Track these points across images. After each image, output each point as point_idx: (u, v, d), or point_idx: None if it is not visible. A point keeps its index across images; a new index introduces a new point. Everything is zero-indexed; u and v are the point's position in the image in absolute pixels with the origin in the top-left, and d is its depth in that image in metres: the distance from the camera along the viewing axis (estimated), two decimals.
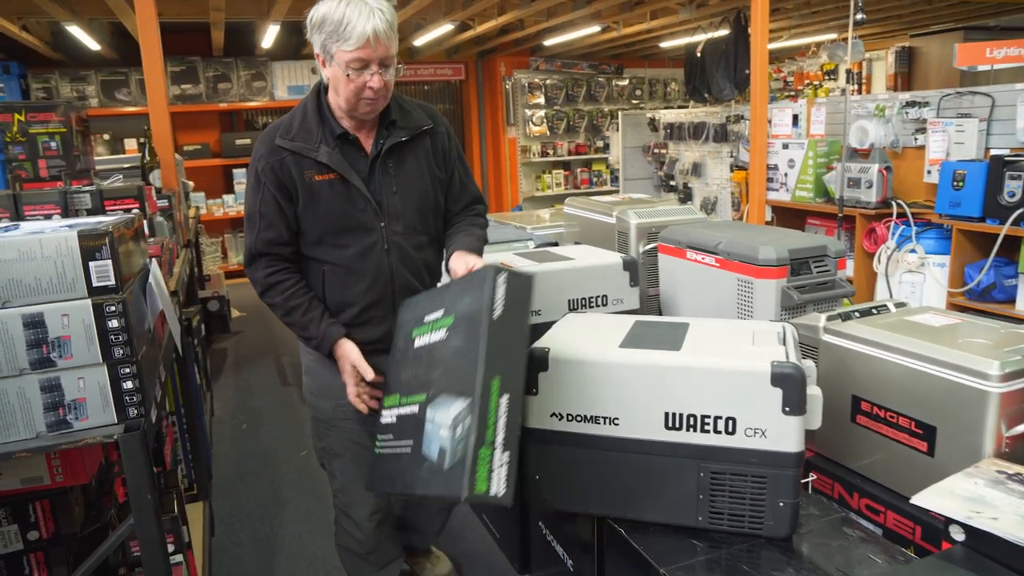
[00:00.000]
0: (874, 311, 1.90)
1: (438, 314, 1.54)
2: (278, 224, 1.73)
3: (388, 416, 1.59)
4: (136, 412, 1.30)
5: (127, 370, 1.30)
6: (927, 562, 1.24)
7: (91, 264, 1.27)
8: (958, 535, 1.28)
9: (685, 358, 1.47)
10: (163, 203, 3.20)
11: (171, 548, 1.69)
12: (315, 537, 2.70)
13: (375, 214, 1.77)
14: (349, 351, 1.75)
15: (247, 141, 7.49)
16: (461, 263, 1.76)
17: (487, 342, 1.35)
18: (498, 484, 1.28)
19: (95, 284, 1.27)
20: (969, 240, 3.47)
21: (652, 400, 1.47)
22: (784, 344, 1.54)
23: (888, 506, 1.65)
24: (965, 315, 1.81)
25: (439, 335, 1.50)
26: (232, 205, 7.58)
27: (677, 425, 1.47)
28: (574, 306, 2.22)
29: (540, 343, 1.60)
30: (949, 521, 1.29)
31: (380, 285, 1.81)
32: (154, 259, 1.68)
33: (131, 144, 6.76)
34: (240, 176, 7.56)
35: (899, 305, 1.94)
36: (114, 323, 1.29)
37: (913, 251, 3.71)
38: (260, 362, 4.94)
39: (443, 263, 1.93)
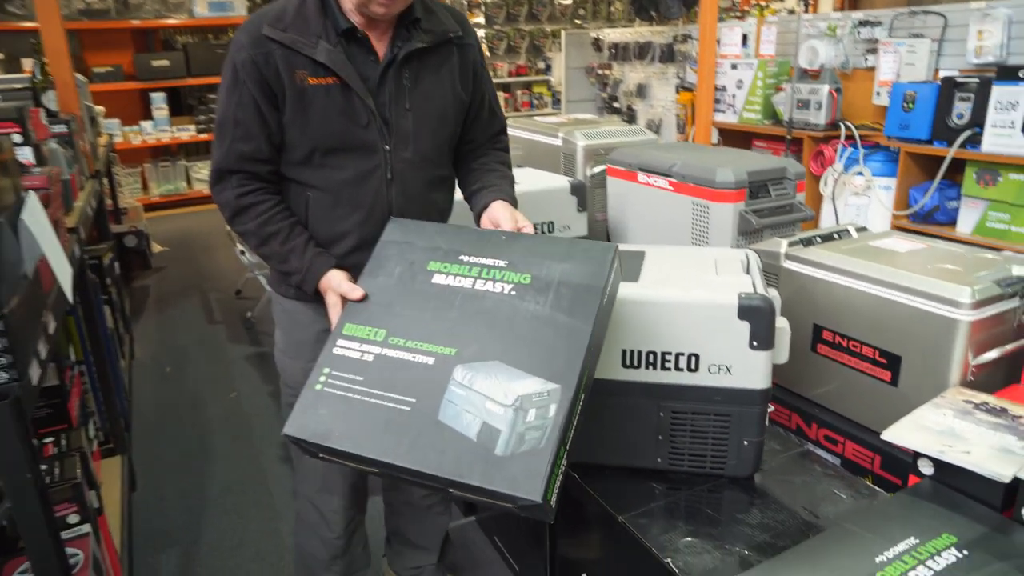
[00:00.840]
0: (835, 236, 1.81)
1: (494, 262, 1.22)
2: (257, 135, 1.38)
3: (354, 349, 1.17)
4: (7, 376, 1.09)
5: None
6: (897, 499, 1.17)
7: None
8: (927, 469, 1.21)
9: (644, 291, 1.34)
10: (60, 129, 2.87)
11: (74, 519, 1.51)
12: (247, 488, 2.55)
13: (380, 133, 1.43)
14: (335, 279, 1.37)
15: (165, 63, 6.92)
16: (507, 218, 1.46)
17: (594, 327, 1.12)
18: (556, 496, 1.03)
19: None
20: (915, 163, 3.44)
21: (609, 337, 1.34)
22: (749, 273, 1.42)
23: (847, 436, 1.59)
24: (930, 240, 1.73)
25: (496, 287, 1.19)
26: (151, 132, 7.04)
27: (635, 363, 1.35)
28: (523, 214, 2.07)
29: None
30: (918, 455, 1.23)
31: (375, 220, 1.45)
32: (31, 192, 1.43)
33: (29, 64, 6.14)
34: (159, 101, 7.01)
35: (860, 229, 1.85)
36: None
37: (860, 174, 3.67)
38: (185, 299, 4.65)
39: (474, 209, 1.59)
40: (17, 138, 1.95)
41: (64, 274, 1.45)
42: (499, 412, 1.06)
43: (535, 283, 1.18)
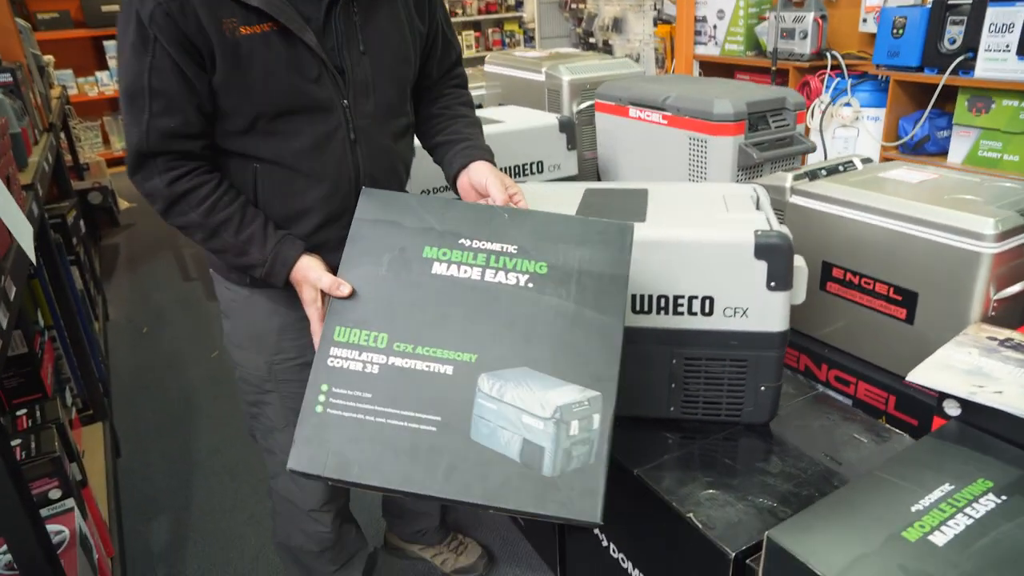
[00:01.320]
0: (841, 168, 1.73)
1: (502, 247, 1.07)
2: (182, 106, 1.10)
3: (353, 359, 1.00)
4: None
5: None
6: (924, 443, 1.12)
7: None
8: (953, 410, 1.17)
9: (653, 231, 1.26)
10: (4, 77, 2.68)
11: (56, 494, 1.42)
12: (234, 447, 2.47)
13: (335, 86, 1.18)
14: (312, 271, 1.13)
15: (116, 7, 6.53)
16: (496, 185, 1.26)
17: (623, 321, 1.02)
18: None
19: None
20: (905, 92, 3.36)
21: None
22: (761, 209, 1.35)
23: (860, 377, 1.55)
24: (940, 170, 1.66)
25: (510, 278, 1.04)
26: (107, 83, 6.70)
27: (646, 308, 1.27)
28: (507, 174, 1.96)
29: None
30: (943, 396, 1.18)
31: (342, 194, 1.24)
32: None
33: None
34: (113, 49, 6.64)
35: (865, 161, 1.78)
36: None
37: (848, 104, 3.58)
38: (157, 256, 4.49)
39: (447, 168, 1.38)
40: None
41: (23, 233, 1.33)
42: (539, 427, 0.95)
43: (553, 273, 1.05)
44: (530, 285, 1.04)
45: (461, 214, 1.11)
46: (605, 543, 1.40)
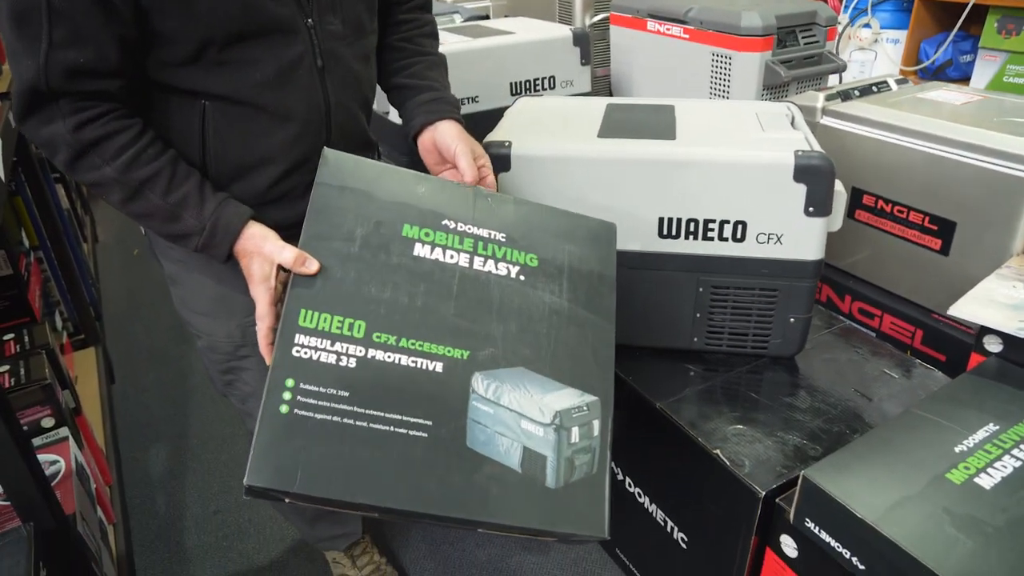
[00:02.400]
0: (875, 88, 1.62)
1: (490, 234, 0.96)
2: (94, 33, 0.84)
3: (324, 350, 0.83)
4: None
5: None
6: (964, 381, 1.06)
7: None
8: (995, 346, 1.11)
9: (684, 149, 1.16)
10: None
11: (49, 423, 1.36)
12: None
13: (296, 2, 0.98)
14: (267, 240, 0.92)
15: None
16: (465, 152, 1.07)
17: (615, 325, 0.96)
18: None
19: None
20: (930, 11, 3.19)
21: (644, 203, 1.18)
22: (798, 129, 1.25)
23: (886, 310, 1.48)
24: (984, 91, 1.55)
25: (500, 268, 0.94)
26: None
27: (674, 232, 1.19)
28: (518, 90, 1.85)
29: (496, 135, 1.24)
30: (984, 331, 1.12)
31: (312, 132, 1.05)
32: None
33: None
34: None
35: (900, 81, 1.67)
36: None
37: (867, 26, 3.41)
38: None
39: (407, 120, 1.17)
40: None
41: None
42: (539, 434, 0.86)
43: (544, 267, 0.96)
44: (522, 278, 0.94)
45: (439, 191, 0.98)
46: (621, 476, 1.36)
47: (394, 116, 1.74)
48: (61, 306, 2.16)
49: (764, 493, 1.00)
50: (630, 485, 1.33)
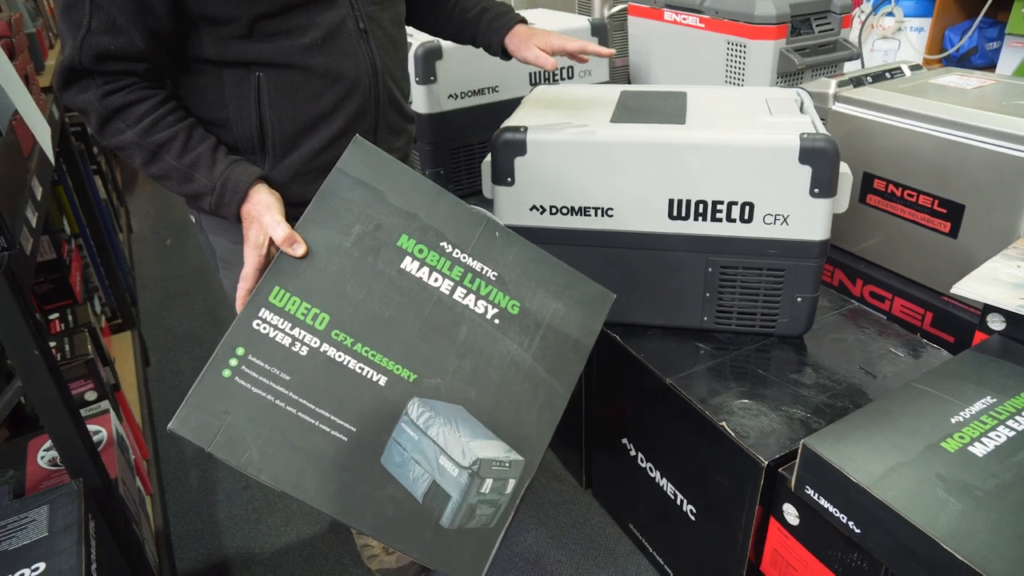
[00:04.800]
0: (887, 75, 1.64)
1: (482, 268, 0.96)
2: (126, 24, 0.94)
3: (282, 331, 0.86)
4: None
5: None
6: (966, 357, 1.09)
7: None
8: (997, 324, 1.14)
9: (693, 133, 1.20)
10: None
11: (92, 396, 1.44)
12: None
13: None
14: (269, 209, 0.96)
15: None
16: (538, 46, 1.21)
17: (570, 393, 0.96)
18: None
19: None
20: None
21: (654, 185, 1.23)
22: (805, 113, 1.28)
23: (896, 293, 1.51)
24: (996, 75, 1.57)
25: (479, 306, 0.95)
26: None
27: (683, 214, 1.24)
28: (536, 80, 1.90)
29: (512, 121, 1.30)
30: (988, 310, 1.15)
31: (362, 92, 1.10)
32: None
33: None
34: None
35: (914, 68, 1.69)
36: None
37: (890, 14, 3.39)
38: None
39: (488, 40, 1.30)
40: None
41: (43, 133, 1.31)
42: (452, 473, 0.88)
43: (523, 317, 0.96)
44: (496, 321, 0.95)
45: (451, 212, 0.96)
46: (633, 452, 1.41)
47: (417, 105, 1.81)
48: (99, 291, 2.26)
49: (767, 462, 1.04)
50: (642, 460, 1.38)
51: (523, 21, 1.28)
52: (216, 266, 1.22)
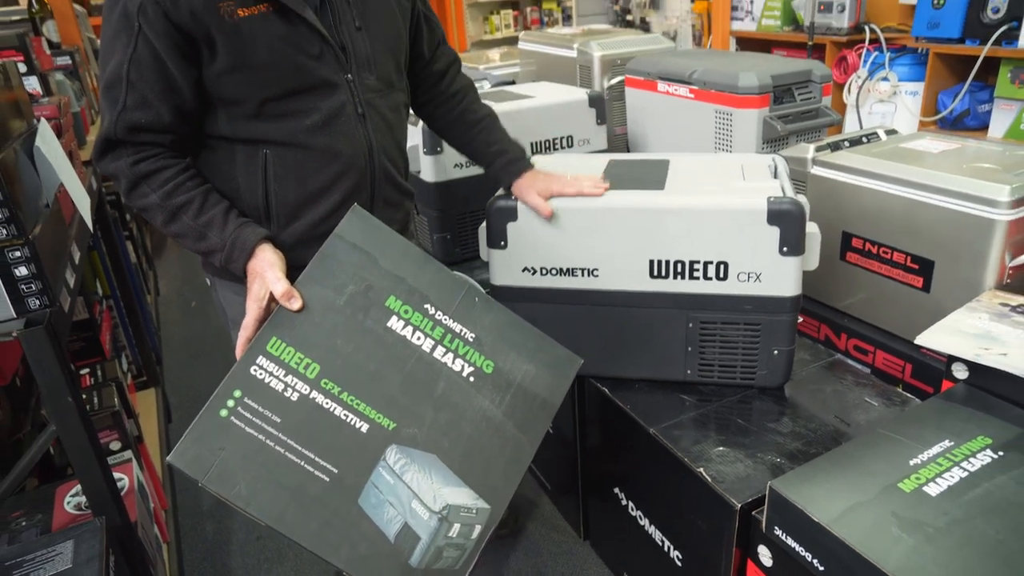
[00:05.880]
0: (864, 140, 1.75)
1: (461, 330, 1.06)
2: (155, 102, 1.07)
3: (276, 377, 0.96)
4: (38, 302, 1.10)
5: (17, 254, 1.09)
6: (930, 403, 1.16)
7: None
8: (961, 373, 1.20)
9: (670, 198, 1.31)
10: (64, 60, 2.82)
11: (116, 446, 1.55)
12: None
13: (337, 62, 1.17)
14: (272, 267, 1.06)
15: None
16: (540, 195, 1.34)
17: (536, 447, 1.05)
18: None
19: None
20: (945, 65, 3.30)
21: (635, 247, 1.32)
22: (777, 178, 1.38)
23: (878, 346, 1.58)
24: (965, 139, 1.66)
25: (456, 364, 1.04)
26: None
27: (663, 273, 1.33)
28: (537, 149, 2.03)
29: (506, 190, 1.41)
30: (952, 359, 1.21)
31: (358, 169, 1.22)
32: (42, 119, 1.40)
33: None
34: None
35: (890, 132, 1.79)
36: None
37: (885, 79, 3.53)
38: None
39: (498, 179, 1.43)
40: (22, 67, 1.90)
41: (83, 203, 1.45)
42: (423, 516, 0.96)
43: (496, 377, 1.05)
44: (471, 379, 1.04)
45: (435, 277, 1.07)
46: (624, 502, 1.47)
47: (425, 175, 1.94)
48: (127, 350, 2.38)
49: (740, 505, 1.10)
50: (632, 509, 1.44)
51: (532, 166, 1.41)
52: (228, 326, 1.33)
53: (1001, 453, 1.03)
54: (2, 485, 1.13)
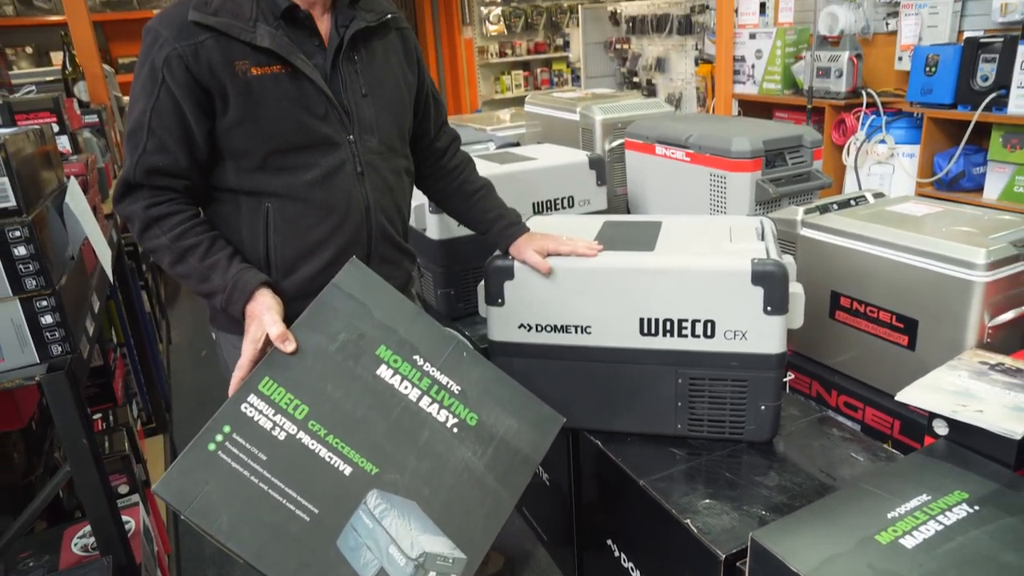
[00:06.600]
0: (852, 202, 1.82)
1: (447, 382, 1.10)
2: (173, 147, 1.17)
3: (265, 416, 1.00)
4: (60, 349, 1.17)
5: (44, 303, 1.17)
6: (911, 458, 1.20)
7: None
8: (942, 429, 1.24)
9: (659, 259, 1.38)
10: (92, 119, 2.96)
11: (125, 489, 1.60)
12: None
13: (341, 123, 1.26)
14: (269, 311, 1.12)
15: None
16: (553, 242, 1.43)
17: (516, 501, 1.08)
18: None
19: None
20: (939, 128, 3.40)
21: (626, 306, 1.38)
22: (763, 240, 1.45)
23: (867, 402, 1.62)
24: (947, 203, 1.73)
25: (440, 415, 1.08)
26: None
27: (653, 331, 1.39)
28: (539, 209, 2.11)
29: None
30: (933, 416, 1.25)
31: (354, 224, 1.29)
32: (72, 178, 1.50)
33: (59, 58, 6.25)
34: None
35: (878, 195, 1.86)
36: (21, 250, 1.14)
37: (883, 142, 3.63)
38: None
39: (499, 244, 1.50)
40: (54, 127, 2.02)
41: (105, 256, 1.53)
42: (399, 562, 0.98)
43: (479, 429, 1.09)
44: (455, 430, 1.07)
45: (426, 331, 1.12)
46: (617, 553, 1.50)
47: (431, 232, 2.02)
48: (137, 396, 2.45)
49: (724, 556, 1.14)
50: (624, 560, 1.47)
51: (528, 229, 1.50)
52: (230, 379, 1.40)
53: (977, 508, 1.06)
54: (15, 524, 1.18)
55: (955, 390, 1.24)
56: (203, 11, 1.16)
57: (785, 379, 1.72)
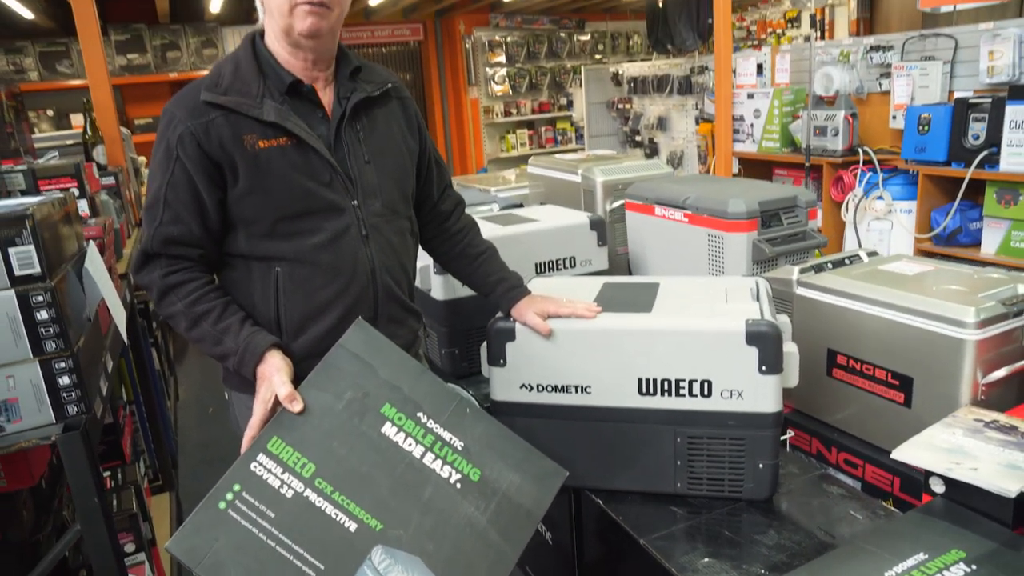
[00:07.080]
0: (847, 261, 1.86)
1: (450, 438, 1.13)
2: (187, 218, 1.25)
3: (274, 475, 1.03)
4: (76, 409, 1.22)
5: (62, 365, 1.21)
6: (908, 517, 1.21)
7: (11, 251, 1.17)
8: (938, 487, 1.25)
9: (656, 321, 1.41)
10: (109, 181, 3.06)
11: (131, 548, 1.61)
12: None
13: (345, 189, 1.33)
14: (279, 373, 1.17)
15: None
16: (539, 315, 1.45)
17: (518, 555, 1.09)
18: None
19: (17, 273, 1.17)
20: (935, 185, 3.47)
21: (624, 366, 1.42)
22: (758, 300, 1.49)
23: (866, 459, 1.63)
24: (939, 262, 1.78)
25: (444, 471, 1.10)
26: None
27: (651, 391, 1.42)
28: (541, 269, 2.16)
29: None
30: (929, 474, 1.27)
31: (360, 285, 1.35)
32: (91, 242, 1.56)
33: (78, 120, 6.46)
34: None
35: (871, 254, 1.91)
36: (43, 315, 1.19)
37: (880, 198, 3.70)
38: None
39: (501, 306, 1.54)
40: (75, 192, 2.10)
41: (120, 317, 1.58)
42: None
43: (482, 485, 1.11)
44: (458, 486, 1.10)
45: (430, 388, 1.16)
46: None
47: (435, 292, 2.07)
48: (145, 454, 2.47)
49: None
50: None
51: (529, 292, 1.54)
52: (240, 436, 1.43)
53: (974, 567, 1.07)
54: None
55: (950, 448, 1.26)
56: (214, 91, 1.26)
57: (785, 437, 1.74)
